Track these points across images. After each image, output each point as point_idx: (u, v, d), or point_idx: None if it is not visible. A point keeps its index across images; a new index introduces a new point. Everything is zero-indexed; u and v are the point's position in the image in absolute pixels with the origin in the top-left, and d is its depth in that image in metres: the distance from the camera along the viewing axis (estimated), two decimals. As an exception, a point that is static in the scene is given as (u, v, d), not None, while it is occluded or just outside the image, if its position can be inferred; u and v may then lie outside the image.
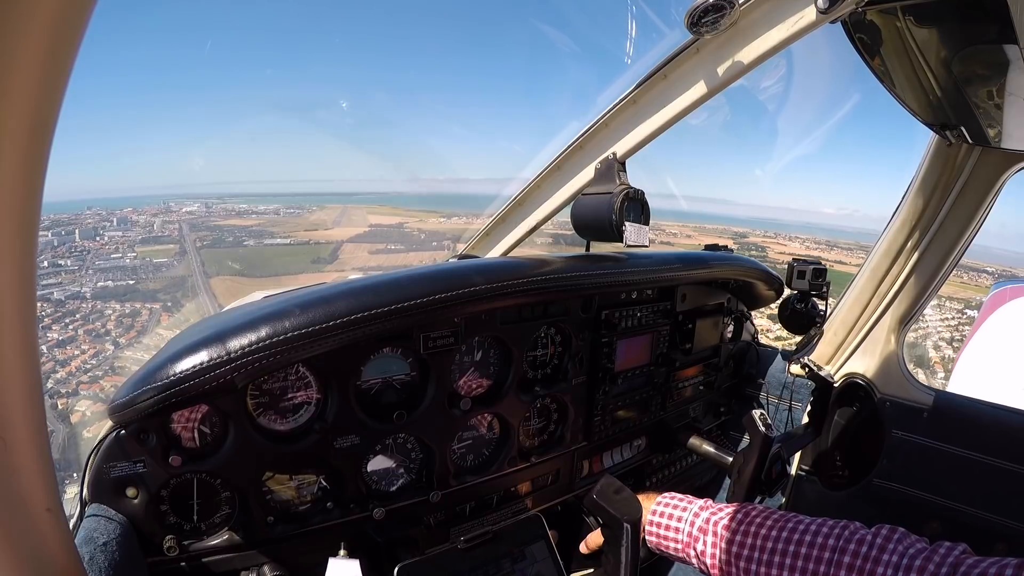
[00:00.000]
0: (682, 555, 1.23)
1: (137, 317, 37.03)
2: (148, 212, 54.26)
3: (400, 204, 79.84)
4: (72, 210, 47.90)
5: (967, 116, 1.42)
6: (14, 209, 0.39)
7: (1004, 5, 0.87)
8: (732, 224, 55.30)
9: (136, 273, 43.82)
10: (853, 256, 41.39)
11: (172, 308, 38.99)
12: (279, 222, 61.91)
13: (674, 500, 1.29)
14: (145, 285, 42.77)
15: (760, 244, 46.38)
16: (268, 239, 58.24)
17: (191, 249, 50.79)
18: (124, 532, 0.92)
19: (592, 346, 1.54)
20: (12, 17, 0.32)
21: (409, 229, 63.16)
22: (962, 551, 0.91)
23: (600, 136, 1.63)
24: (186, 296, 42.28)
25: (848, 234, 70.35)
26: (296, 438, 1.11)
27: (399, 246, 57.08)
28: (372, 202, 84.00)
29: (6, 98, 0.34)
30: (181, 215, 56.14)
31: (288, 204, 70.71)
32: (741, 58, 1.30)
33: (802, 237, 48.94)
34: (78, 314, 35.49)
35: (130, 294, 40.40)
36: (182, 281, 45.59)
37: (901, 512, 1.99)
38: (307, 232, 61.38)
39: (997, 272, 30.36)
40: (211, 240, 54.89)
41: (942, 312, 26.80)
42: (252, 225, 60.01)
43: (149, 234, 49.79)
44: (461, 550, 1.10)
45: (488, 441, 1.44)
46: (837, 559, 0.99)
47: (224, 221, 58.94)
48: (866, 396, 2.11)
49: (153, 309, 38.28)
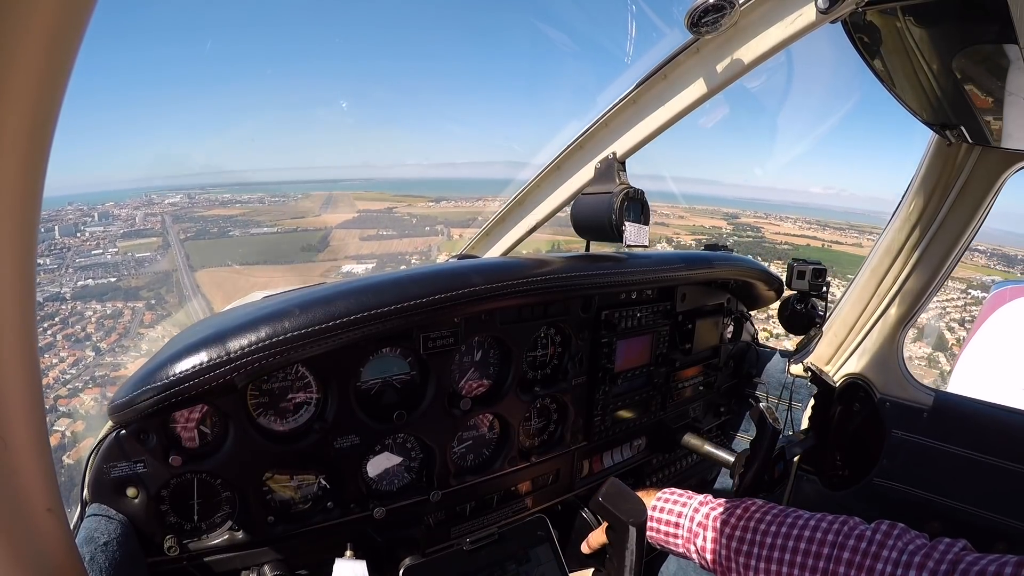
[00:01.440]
0: (682, 550, 1.23)
1: (119, 318, 35.76)
2: (130, 205, 52.90)
3: (387, 189, 78.59)
4: (53, 207, 46.61)
5: (967, 116, 1.42)
6: (14, 209, 0.39)
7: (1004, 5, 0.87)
8: (721, 205, 54.76)
9: (118, 269, 42.63)
10: (846, 236, 41.26)
11: (156, 305, 37.84)
12: (264, 211, 60.70)
13: (674, 495, 1.29)
14: (127, 282, 41.59)
15: (753, 224, 46.07)
16: (255, 228, 56.94)
17: (175, 241, 49.53)
18: (124, 532, 0.92)
19: (592, 346, 1.54)
20: (12, 17, 0.32)
21: (399, 214, 62.21)
22: (962, 547, 0.91)
23: (600, 136, 1.62)
24: (170, 292, 41.12)
25: (836, 213, 70.07)
26: (296, 438, 1.11)
27: (391, 231, 55.93)
28: (358, 188, 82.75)
29: (6, 98, 0.34)
30: (164, 207, 54.92)
31: (272, 193, 69.48)
32: (741, 58, 1.30)
33: (793, 217, 48.74)
34: (57, 317, 34.11)
35: (111, 293, 39.09)
36: (166, 276, 44.43)
37: (901, 512, 1.99)
38: (294, 220, 60.09)
39: (988, 251, 30.33)
40: (195, 231, 53.59)
41: (946, 292, 26.85)
42: (237, 215, 58.73)
43: (131, 228, 48.59)
44: (466, 552, 1.10)
45: (488, 441, 1.44)
46: (836, 554, 0.99)
47: (208, 212, 57.69)
48: (866, 396, 2.11)
49: (136, 308, 37.15)
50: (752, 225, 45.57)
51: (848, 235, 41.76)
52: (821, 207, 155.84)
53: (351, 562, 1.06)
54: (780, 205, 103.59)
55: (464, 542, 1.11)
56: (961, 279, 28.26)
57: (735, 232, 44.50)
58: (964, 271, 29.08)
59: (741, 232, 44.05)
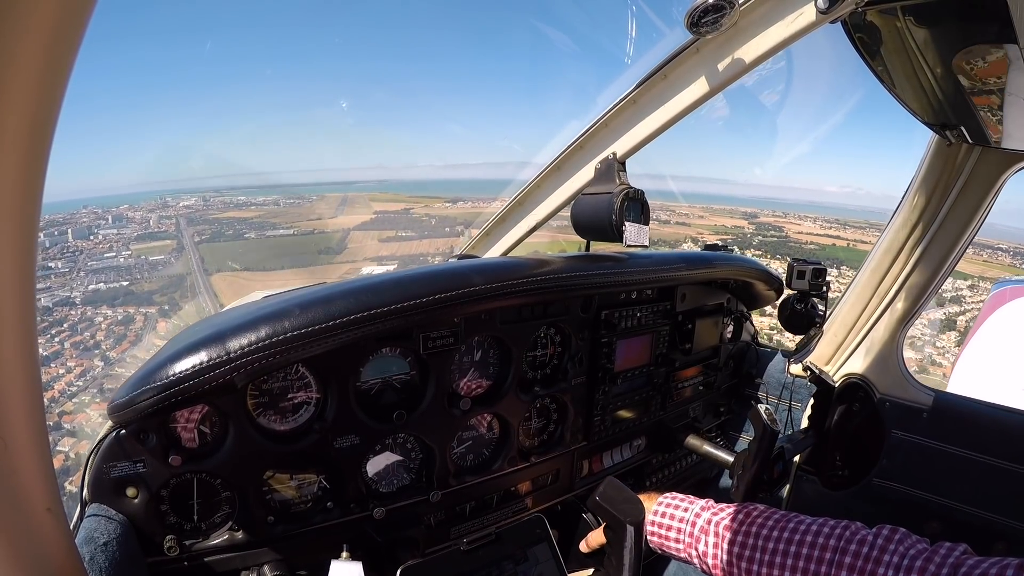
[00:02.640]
0: (683, 555, 1.23)
1: (130, 324, 34.37)
2: (144, 208, 52.24)
3: (401, 191, 77.83)
4: (68, 210, 46.17)
5: (967, 116, 1.42)
6: (14, 209, 0.39)
7: (1004, 5, 0.87)
8: (739, 204, 54.04)
9: (131, 273, 41.57)
10: (868, 235, 41.04)
11: (169, 311, 36.32)
12: (280, 213, 59.84)
13: (676, 500, 1.29)
14: (140, 286, 40.42)
15: (773, 224, 45.52)
16: (270, 230, 55.80)
17: (189, 244, 48.53)
18: (124, 532, 0.92)
19: (592, 346, 1.54)
20: (12, 17, 0.32)
21: (417, 215, 61.32)
22: (962, 552, 0.92)
23: (600, 136, 1.62)
24: (184, 297, 39.77)
25: (853, 212, 69.55)
26: (296, 438, 1.11)
27: (410, 233, 54.76)
28: (372, 190, 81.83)
29: (6, 98, 0.34)
30: (178, 209, 54.05)
31: (287, 195, 68.38)
32: (741, 58, 1.30)
33: (812, 216, 48.13)
34: (66, 323, 33.01)
35: (123, 297, 37.77)
36: (180, 280, 43.13)
37: (901, 512, 1.99)
38: (311, 222, 59.22)
39: (1012, 250, 30.33)
40: (210, 234, 52.59)
41: (978, 294, 27.02)
42: (252, 217, 57.90)
43: (145, 230, 47.69)
44: (464, 551, 1.10)
45: (488, 441, 1.44)
46: (838, 559, 0.99)
47: (223, 214, 56.83)
48: (866, 396, 2.11)
49: (148, 314, 35.71)
50: (772, 224, 45.20)
51: (870, 233, 41.65)
52: (837, 206, 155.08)
53: (347, 564, 1.06)
54: (795, 204, 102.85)
55: (462, 542, 1.11)
56: (990, 278, 28.49)
57: (758, 232, 43.84)
58: (992, 270, 29.15)
59: (764, 232, 43.61)
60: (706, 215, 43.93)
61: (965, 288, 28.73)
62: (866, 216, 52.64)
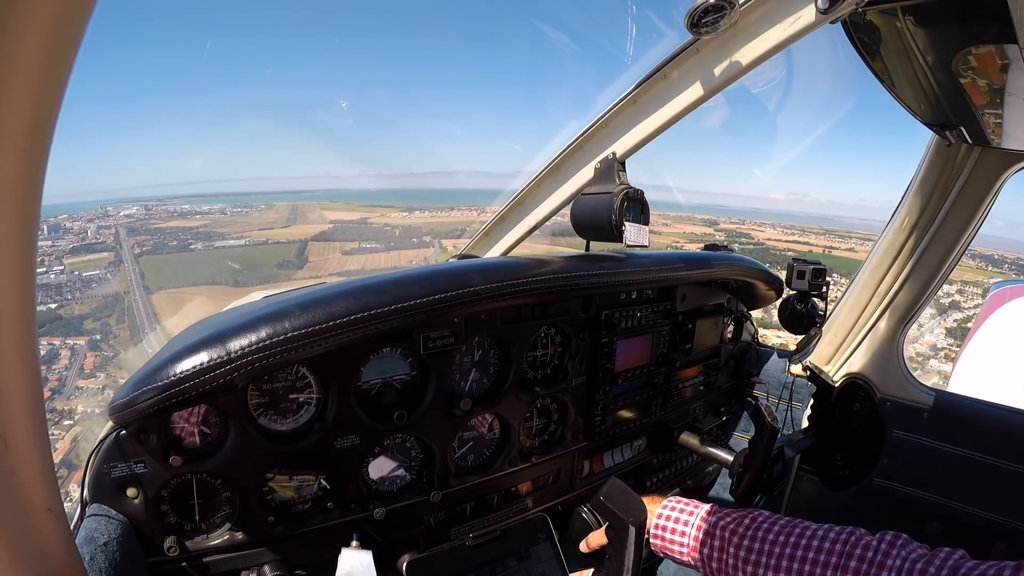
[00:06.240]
0: (687, 559, 1.24)
1: (53, 363, 26.46)
2: (84, 218, 47.05)
3: (352, 200, 74.29)
4: None
5: (967, 116, 1.42)
6: (14, 209, 0.39)
7: (1004, 5, 0.87)
8: (685, 211, 53.66)
9: (60, 293, 35.31)
10: (833, 240, 41.04)
11: (101, 342, 29.73)
12: (227, 222, 55.89)
13: (680, 504, 1.29)
14: (70, 309, 34.16)
15: (737, 231, 45.49)
16: (219, 240, 50.83)
17: (128, 257, 43.14)
18: (125, 532, 0.92)
19: (592, 346, 1.54)
20: (12, 17, 0.32)
21: (375, 224, 58.69)
22: (960, 556, 0.95)
23: (600, 136, 1.63)
24: (120, 322, 33.50)
25: (802, 218, 69.69)
26: (296, 438, 1.11)
27: (374, 244, 51.56)
28: (321, 199, 77.96)
29: (6, 98, 0.34)
30: (119, 219, 49.10)
31: (233, 204, 63.48)
32: (741, 58, 1.30)
33: (770, 223, 48.08)
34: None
35: (49, 325, 31.07)
36: (115, 300, 36.96)
37: (901, 511, 1.99)
38: (262, 231, 55.13)
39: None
40: (152, 245, 47.57)
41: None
42: (198, 226, 53.86)
43: (82, 242, 42.57)
44: (469, 547, 1.10)
45: (488, 441, 1.44)
46: (844, 563, 1.01)
47: (166, 223, 52.32)
48: (866, 396, 2.12)
49: (75, 347, 28.47)
50: (738, 232, 45.37)
51: (835, 239, 41.79)
52: (784, 212, 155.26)
53: (357, 552, 1.06)
54: (742, 211, 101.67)
55: (468, 537, 1.12)
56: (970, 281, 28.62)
57: (730, 239, 43.73)
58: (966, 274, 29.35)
59: (736, 239, 43.72)
60: (669, 223, 43.57)
61: (955, 293, 28.77)
62: (818, 222, 52.68)
